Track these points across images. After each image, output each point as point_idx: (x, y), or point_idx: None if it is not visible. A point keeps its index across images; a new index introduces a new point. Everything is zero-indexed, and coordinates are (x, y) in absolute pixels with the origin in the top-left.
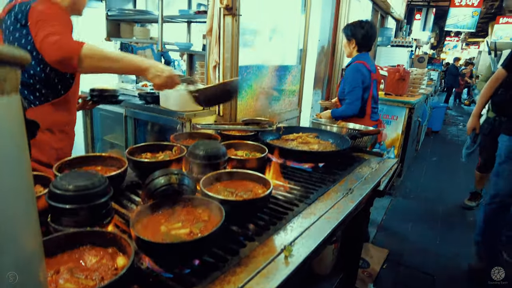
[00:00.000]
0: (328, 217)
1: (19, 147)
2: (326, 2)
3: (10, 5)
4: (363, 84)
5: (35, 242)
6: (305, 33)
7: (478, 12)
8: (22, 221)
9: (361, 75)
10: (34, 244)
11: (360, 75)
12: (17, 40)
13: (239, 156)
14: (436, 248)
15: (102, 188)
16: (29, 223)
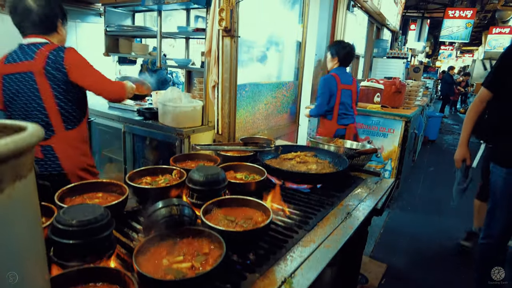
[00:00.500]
0: (328, 245)
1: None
2: (322, 16)
3: (43, 54)
4: (330, 92)
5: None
6: (302, 48)
7: (471, 23)
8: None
9: (328, 84)
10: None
11: (327, 83)
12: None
13: (238, 178)
14: (435, 263)
15: (105, 222)
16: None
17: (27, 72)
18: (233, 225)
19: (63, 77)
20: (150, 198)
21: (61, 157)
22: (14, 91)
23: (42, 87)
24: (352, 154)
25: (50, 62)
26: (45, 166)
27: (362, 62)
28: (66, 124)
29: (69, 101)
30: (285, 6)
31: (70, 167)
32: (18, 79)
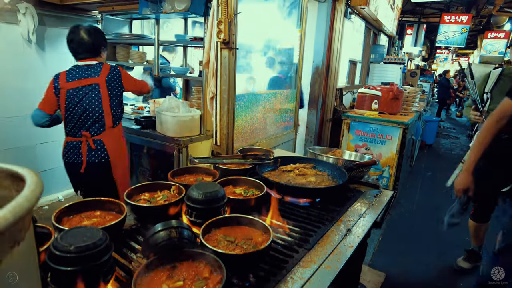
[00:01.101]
0: (328, 266)
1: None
2: (320, 23)
3: (106, 71)
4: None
5: None
6: (300, 55)
7: (467, 28)
8: None
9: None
10: None
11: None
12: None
13: (237, 194)
14: (433, 270)
15: (104, 247)
16: None
17: (92, 84)
18: (233, 246)
19: (120, 86)
20: (149, 216)
21: (108, 148)
22: (78, 100)
23: (103, 95)
24: (351, 166)
25: (110, 76)
26: (95, 155)
27: (359, 68)
28: (113, 122)
29: (117, 104)
30: (282, 13)
31: (114, 156)
32: (84, 91)
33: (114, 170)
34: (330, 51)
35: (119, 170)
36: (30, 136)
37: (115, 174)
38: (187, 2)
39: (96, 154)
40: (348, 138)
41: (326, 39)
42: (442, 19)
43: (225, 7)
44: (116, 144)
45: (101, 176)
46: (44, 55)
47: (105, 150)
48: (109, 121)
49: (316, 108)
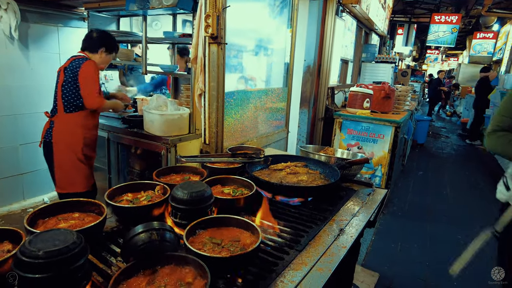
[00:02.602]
0: (320, 268)
1: None
2: (311, 22)
3: (69, 60)
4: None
5: None
6: (291, 54)
7: (457, 28)
8: None
9: None
10: None
11: None
12: (71, 86)
13: (225, 193)
14: (425, 269)
15: (78, 251)
16: None
17: (59, 71)
18: (219, 249)
19: (75, 79)
20: (131, 218)
21: (55, 130)
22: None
23: (59, 82)
24: (343, 164)
25: (70, 67)
26: (47, 135)
27: (351, 67)
28: (65, 109)
29: (69, 94)
30: (273, 12)
31: (58, 140)
32: (57, 76)
33: (56, 154)
34: (321, 49)
35: (61, 156)
36: (13, 137)
37: (55, 159)
38: None
39: (48, 134)
40: (340, 137)
41: (318, 37)
42: (432, 19)
43: (213, 1)
44: (65, 130)
45: (46, 156)
46: (28, 53)
47: (51, 131)
48: (61, 107)
49: (308, 107)
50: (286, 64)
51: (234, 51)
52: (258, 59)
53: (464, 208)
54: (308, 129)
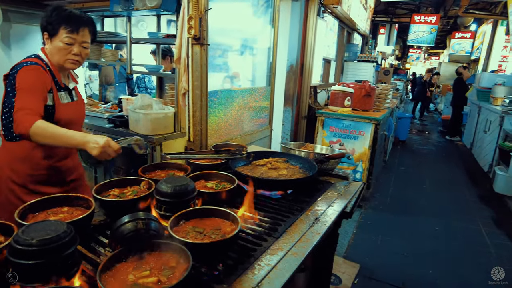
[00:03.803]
0: (295, 252)
1: None
2: (294, 22)
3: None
4: None
5: None
6: (273, 53)
7: (435, 28)
8: None
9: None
10: None
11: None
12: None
13: (209, 187)
14: (404, 259)
15: (68, 240)
16: None
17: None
18: (201, 237)
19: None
20: (118, 211)
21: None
22: None
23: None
24: (321, 159)
25: (12, 72)
26: None
27: (333, 66)
28: (5, 135)
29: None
30: (257, 12)
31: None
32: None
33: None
34: (304, 49)
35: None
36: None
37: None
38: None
39: None
40: (323, 134)
41: (300, 38)
42: (413, 19)
43: (196, 3)
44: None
45: None
46: (10, 53)
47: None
48: (0, 132)
49: (291, 105)
50: (269, 63)
51: (219, 51)
52: (242, 58)
53: (442, 201)
54: (292, 127)
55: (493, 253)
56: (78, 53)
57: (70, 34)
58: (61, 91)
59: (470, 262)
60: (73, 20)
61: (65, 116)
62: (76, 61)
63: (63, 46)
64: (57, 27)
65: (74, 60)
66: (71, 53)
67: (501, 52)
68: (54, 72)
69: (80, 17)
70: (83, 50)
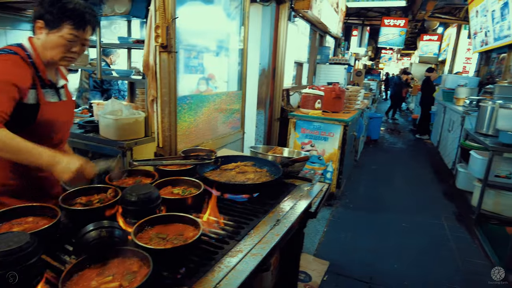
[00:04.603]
0: (254, 253)
1: None
2: (265, 27)
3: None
4: None
5: None
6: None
7: (404, 31)
8: None
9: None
10: None
11: None
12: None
13: (175, 194)
14: (372, 255)
15: (31, 251)
16: None
17: None
18: (164, 242)
19: None
20: (84, 220)
21: None
22: None
23: None
24: (287, 162)
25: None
26: None
27: (306, 68)
28: None
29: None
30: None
31: None
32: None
33: None
34: (275, 53)
35: None
36: None
37: None
38: (127, 6)
39: None
40: (295, 136)
41: (271, 42)
42: (383, 22)
43: (163, 12)
44: None
45: None
46: None
47: None
48: None
49: (264, 108)
50: (240, 68)
51: (188, 53)
52: (217, 60)
53: (410, 198)
54: (265, 129)
55: (453, 246)
56: (78, 51)
57: (75, 31)
58: (45, 88)
59: (432, 255)
60: (81, 16)
61: (51, 117)
62: (74, 59)
63: (64, 43)
64: (60, 20)
65: (73, 58)
66: (71, 50)
67: (465, 54)
68: (39, 66)
69: (87, 13)
70: (82, 48)
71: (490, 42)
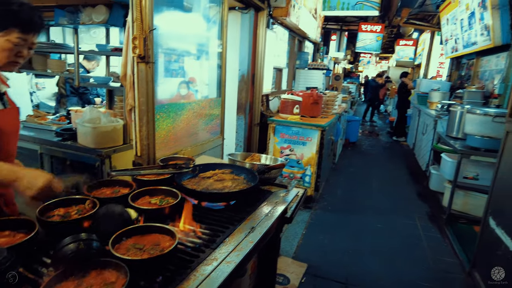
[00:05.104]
0: (228, 261)
1: None
2: (243, 34)
3: None
4: None
5: None
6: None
7: (381, 37)
8: None
9: None
10: None
11: None
12: None
13: (152, 203)
14: (349, 256)
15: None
16: None
17: None
18: (141, 253)
19: None
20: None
21: None
22: None
23: None
24: (263, 169)
25: None
26: None
27: (285, 73)
28: None
29: None
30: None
31: None
32: None
33: None
34: (254, 60)
35: None
36: None
37: None
38: (105, 15)
39: None
40: (274, 140)
41: (250, 48)
42: (360, 28)
43: (140, 24)
44: None
45: None
46: None
47: None
48: None
49: (244, 113)
50: (219, 74)
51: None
52: (195, 65)
53: (386, 199)
54: (245, 134)
55: (425, 245)
56: (25, 55)
57: (23, 35)
58: None
59: (406, 255)
60: (28, 18)
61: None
62: (19, 63)
63: (11, 47)
64: (6, 23)
65: (19, 62)
66: (18, 55)
67: (438, 59)
68: None
69: (35, 15)
70: (29, 52)
71: (459, 48)
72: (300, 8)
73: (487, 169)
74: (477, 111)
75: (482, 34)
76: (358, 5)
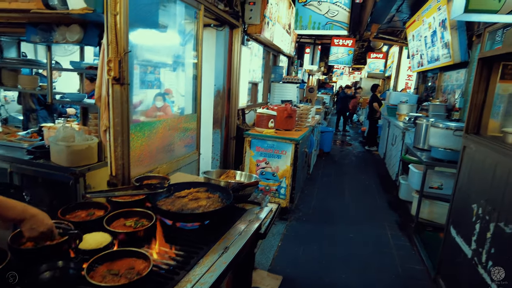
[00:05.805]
0: (202, 283)
1: None
2: (219, 51)
3: None
4: None
5: None
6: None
7: (352, 51)
8: None
9: None
10: None
11: None
12: None
13: (127, 226)
14: (322, 266)
15: None
16: None
17: None
18: (118, 278)
19: None
20: (35, 259)
21: None
22: None
23: None
24: (237, 187)
25: None
26: None
27: (261, 87)
28: None
29: None
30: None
31: None
32: None
33: None
34: (230, 75)
35: None
36: None
37: None
38: (79, 34)
39: None
40: (250, 154)
41: (226, 64)
42: (332, 42)
43: (115, 47)
44: None
45: None
46: None
47: None
48: None
49: (220, 127)
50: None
51: (144, 68)
52: (171, 77)
53: (358, 208)
54: (222, 147)
55: (395, 253)
56: None
57: None
58: None
59: (377, 263)
60: None
61: None
62: None
63: None
64: None
65: None
66: None
67: (406, 72)
68: None
69: None
70: None
71: (424, 63)
72: (274, 24)
73: (450, 179)
74: (440, 125)
75: (444, 52)
76: (328, 25)
